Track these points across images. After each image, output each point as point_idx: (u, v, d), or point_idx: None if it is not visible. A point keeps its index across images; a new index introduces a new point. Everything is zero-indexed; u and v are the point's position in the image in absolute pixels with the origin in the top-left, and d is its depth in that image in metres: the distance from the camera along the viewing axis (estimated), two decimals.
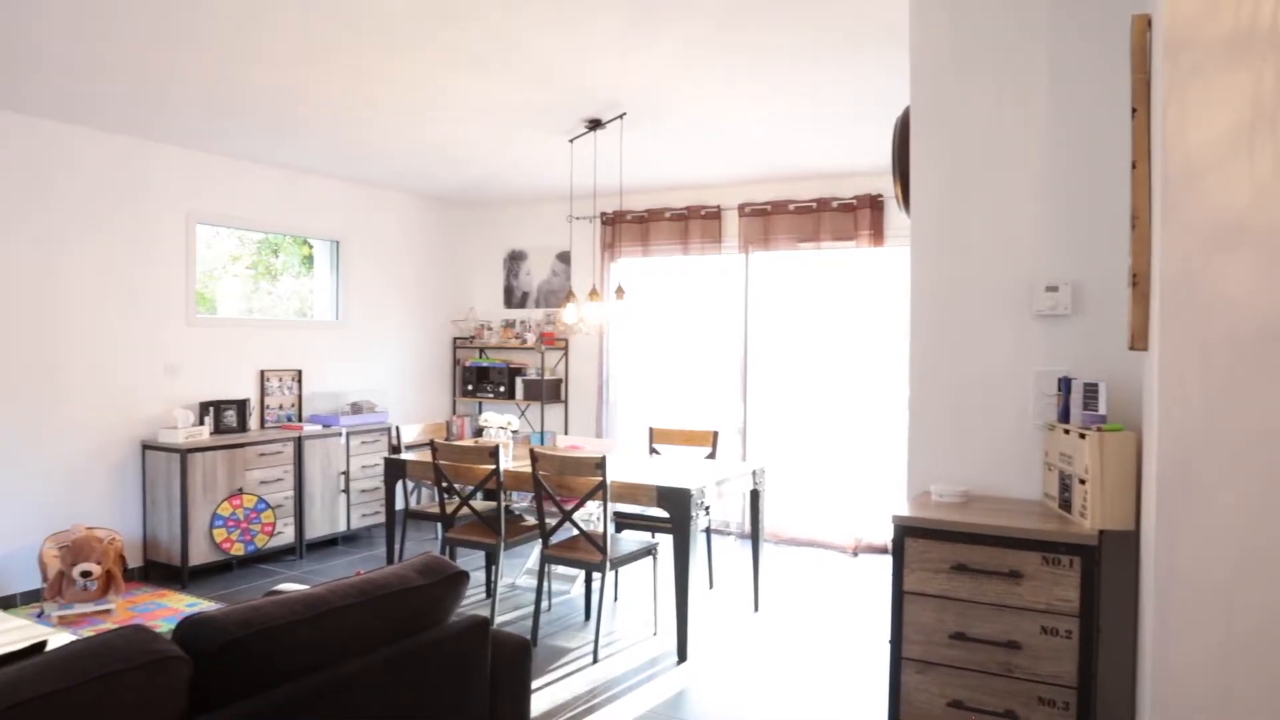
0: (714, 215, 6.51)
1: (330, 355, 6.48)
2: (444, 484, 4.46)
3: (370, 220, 6.79)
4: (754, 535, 4.66)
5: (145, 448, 5.24)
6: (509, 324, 7.45)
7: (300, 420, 6.15)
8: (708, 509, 4.38)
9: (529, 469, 4.21)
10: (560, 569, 5.27)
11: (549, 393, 7.02)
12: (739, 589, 5.08)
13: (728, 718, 3.37)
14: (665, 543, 4.79)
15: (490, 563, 4.88)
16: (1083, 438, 2.18)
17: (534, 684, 3.64)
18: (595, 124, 4.71)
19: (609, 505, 3.99)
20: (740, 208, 6.39)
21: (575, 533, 4.17)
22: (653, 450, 5.29)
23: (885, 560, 5.67)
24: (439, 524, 4.74)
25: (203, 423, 5.44)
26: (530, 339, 7.21)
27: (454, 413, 7.61)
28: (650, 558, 4.33)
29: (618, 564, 4.03)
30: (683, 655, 3.94)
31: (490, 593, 4.77)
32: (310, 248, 6.78)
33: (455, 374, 7.62)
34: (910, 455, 2.73)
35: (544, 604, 4.72)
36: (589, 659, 3.96)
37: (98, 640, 1.48)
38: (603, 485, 3.91)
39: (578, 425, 7.14)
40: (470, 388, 7.38)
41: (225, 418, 5.58)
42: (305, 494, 5.73)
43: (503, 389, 7.19)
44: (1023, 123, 2.57)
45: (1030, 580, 2.12)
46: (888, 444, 5.85)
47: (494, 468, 4.26)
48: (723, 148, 5.31)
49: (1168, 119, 1.73)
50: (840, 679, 3.77)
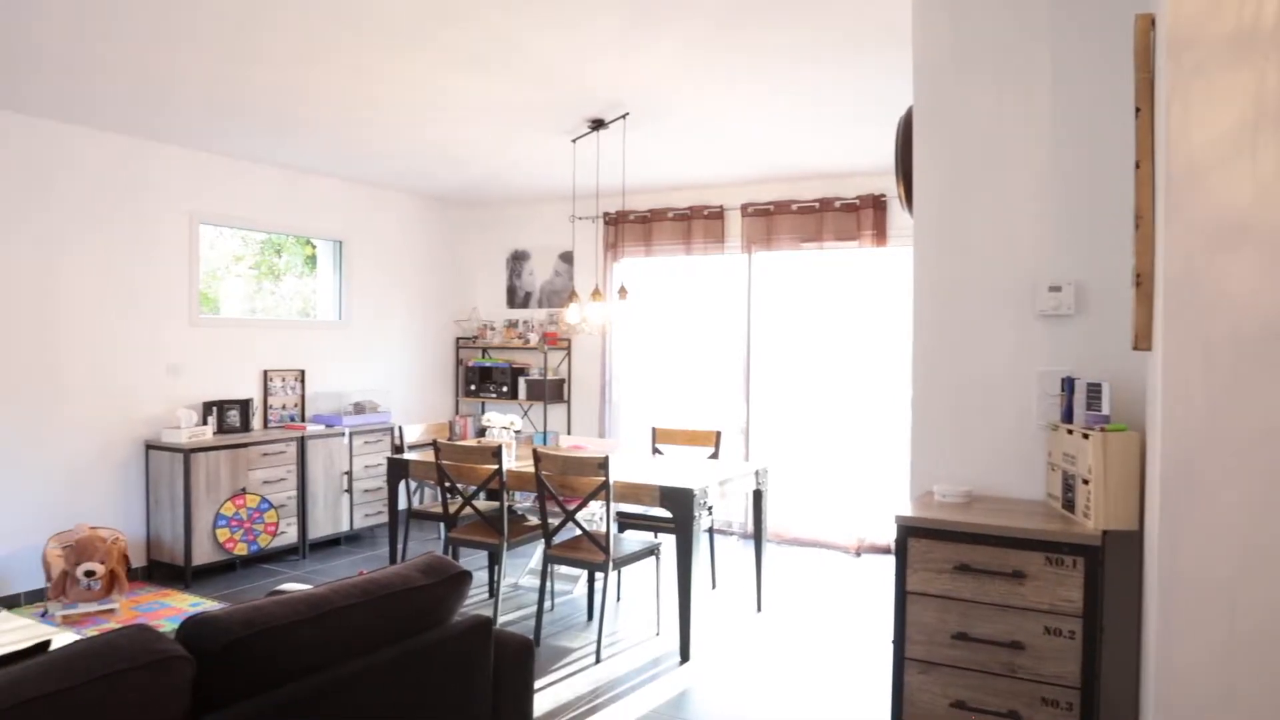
0: (717, 215, 6.51)
1: (333, 355, 6.49)
2: (447, 484, 4.46)
3: (373, 220, 6.80)
4: (757, 535, 4.66)
5: (149, 447, 5.25)
6: (512, 324, 7.45)
7: (303, 420, 6.15)
8: (710, 509, 4.37)
9: (532, 469, 4.21)
10: (563, 569, 5.27)
11: (552, 393, 7.02)
12: (742, 589, 5.07)
13: (730, 718, 3.37)
14: (668, 543, 4.80)
15: (493, 563, 4.88)
16: (1086, 438, 2.18)
17: (537, 684, 3.65)
18: (598, 124, 4.71)
19: (612, 505, 3.99)
20: (743, 208, 6.39)
21: (578, 533, 4.17)
22: (655, 450, 5.29)
23: (888, 560, 5.67)
24: (442, 524, 4.75)
25: (206, 422, 5.44)
26: (533, 339, 7.22)
27: (457, 413, 7.62)
28: (653, 558, 4.33)
29: (620, 564, 4.03)
30: (685, 655, 3.94)
31: (493, 593, 4.77)
32: (313, 248, 6.78)
33: (458, 374, 7.63)
34: (913, 455, 2.73)
35: (547, 604, 4.72)
36: (592, 659, 3.96)
37: (101, 640, 1.48)
38: (605, 485, 3.91)
39: (580, 425, 7.14)
40: (473, 388, 7.38)
41: (228, 418, 5.58)
42: (308, 494, 5.74)
43: (505, 389, 7.20)
44: (1025, 122, 2.56)
45: (1033, 580, 2.12)
46: (890, 444, 5.85)
47: (497, 468, 4.26)
48: (724, 148, 5.31)
49: (1171, 118, 1.73)
50: (843, 679, 3.77)
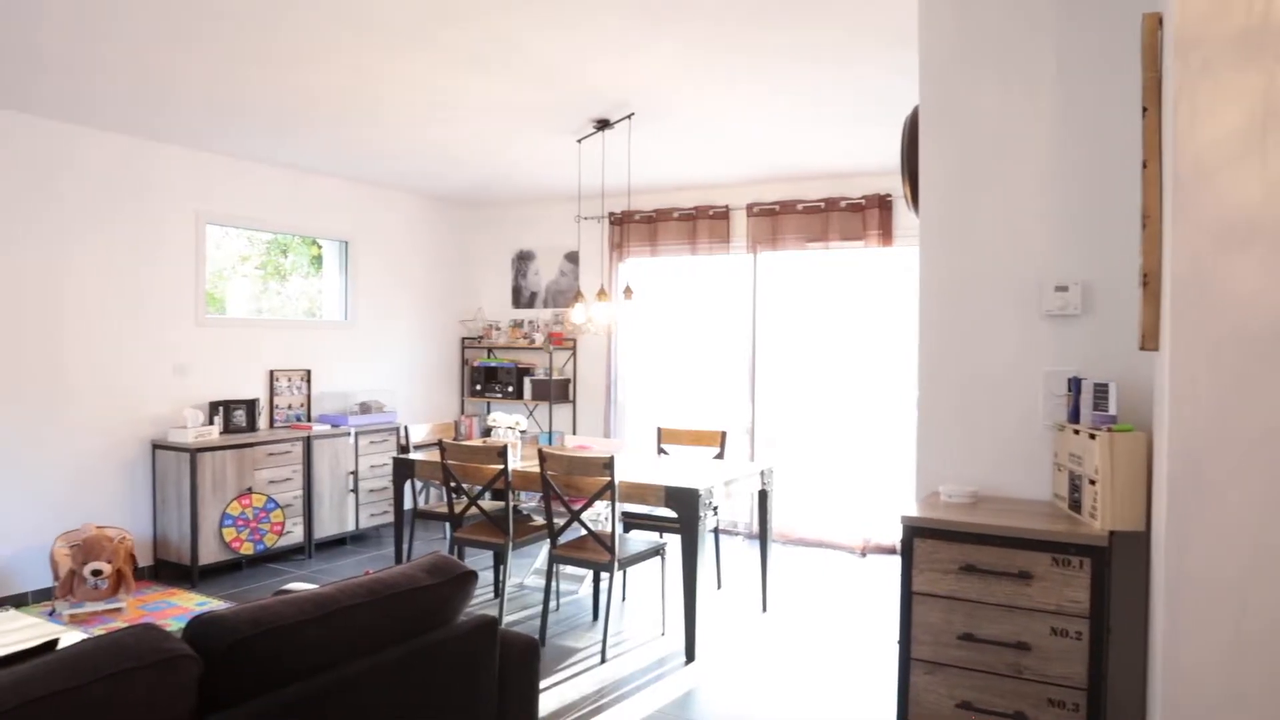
0: (722, 215, 6.50)
1: (339, 355, 6.50)
2: (452, 484, 4.47)
3: (379, 220, 6.81)
4: (762, 535, 4.65)
5: (155, 447, 5.27)
6: (517, 324, 7.46)
7: (309, 420, 6.17)
8: (716, 509, 4.37)
9: (537, 469, 4.21)
10: (568, 569, 5.27)
11: (557, 393, 7.03)
12: (747, 589, 5.07)
13: (736, 718, 3.37)
14: (673, 543, 4.79)
15: (498, 562, 4.88)
16: (1093, 438, 2.17)
17: (542, 684, 3.64)
18: (604, 124, 4.71)
19: (617, 505, 3.99)
20: (748, 208, 6.38)
21: (583, 533, 4.17)
22: (661, 450, 5.29)
23: (894, 561, 5.65)
24: (447, 524, 4.75)
25: (212, 422, 5.46)
26: (538, 339, 7.22)
27: (462, 412, 7.63)
28: (658, 558, 4.33)
29: (626, 564, 4.03)
30: (691, 655, 3.94)
31: (498, 592, 4.78)
32: (319, 248, 6.80)
33: (463, 374, 7.64)
34: (919, 455, 2.73)
35: (552, 604, 4.73)
36: (597, 659, 3.96)
37: (108, 639, 1.48)
38: (611, 485, 3.91)
39: (586, 425, 7.14)
40: (478, 388, 7.39)
41: (235, 417, 5.60)
42: (314, 493, 5.75)
43: (511, 389, 7.21)
44: (1032, 121, 2.56)
45: (1040, 581, 2.11)
46: (896, 444, 5.84)
47: (502, 468, 4.26)
48: (727, 148, 5.30)
49: (1178, 117, 1.73)
50: (849, 680, 3.76)
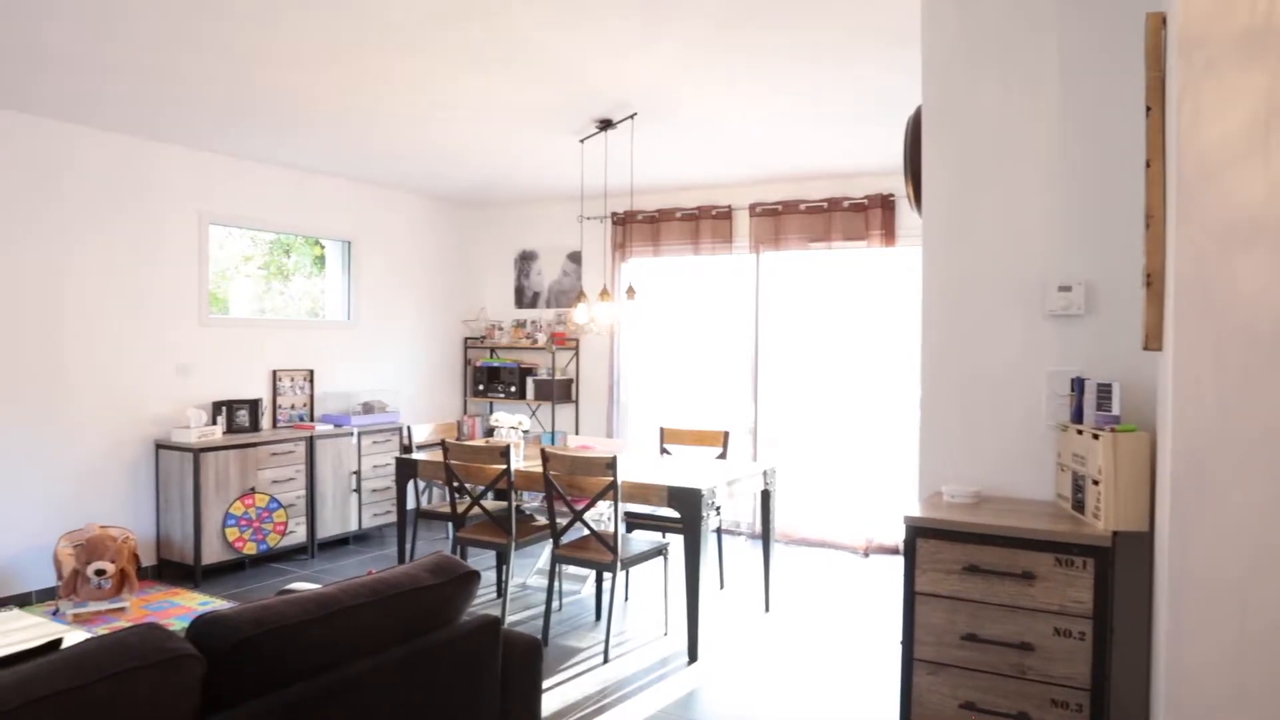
0: (725, 215, 6.50)
1: (342, 355, 6.51)
2: (455, 484, 4.47)
3: (381, 221, 6.82)
4: (765, 535, 4.65)
5: (158, 447, 5.27)
6: (520, 324, 7.46)
7: (312, 420, 6.17)
8: (718, 509, 4.37)
9: (540, 469, 4.21)
10: (571, 569, 5.27)
11: (560, 393, 7.03)
12: (750, 589, 5.07)
13: (738, 718, 3.37)
14: (676, 543, 4.79)
15: (501, 562, 4.89)
16: (1096, 438, 2.17)
17: (545, 684, 3.65)
18: (606, 124, 4.71)
19: (620, 505, 3.99)
20: (751, 208, 6.38)
21: (586, 533, 4.17)
22: (663, 450, 5.29)
23: (896, 561, 5.65)
24: (450, 524, 4.75)
25: (215, 422, 5.46)
26: (541, 339, 7.22)
27: (465, 412, 7.63)
28: (661, 558, 4.33)
29: (628, 564, 4.03)
30: (693, 655, 3.94)
31: (501, 592, 4.78)
32: (322, 248, 6.81)
33: (466, 374, 7.64)
34: (921, 456, 2.72)
35: (555, 604, 4.73)
36: (599, 659, 3.96)
37: (112, 638, 1.49)
38: (613, 485, 3.91)
39: (588, 425, 7.14)
40: (481, 388, 7.39)
41: (238, 417, 5.61)
42: (317, 493, 5.76)
43: (514, 389, 7.21)
44: (1035, 121, 2.55)
45: (1043, 581, 2.11)
46: (899, 444, 5.83)
47: (505, 467, 4.26)
48: (729, 148, 5.30)
49: (1182, 117, 1.72)
50: (851, 680, 3.76)
